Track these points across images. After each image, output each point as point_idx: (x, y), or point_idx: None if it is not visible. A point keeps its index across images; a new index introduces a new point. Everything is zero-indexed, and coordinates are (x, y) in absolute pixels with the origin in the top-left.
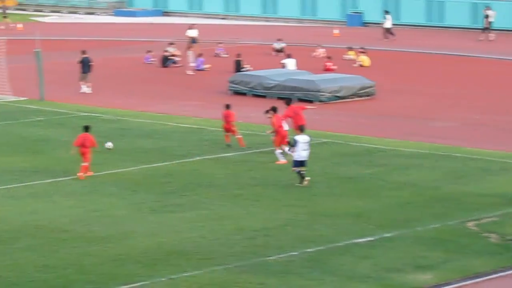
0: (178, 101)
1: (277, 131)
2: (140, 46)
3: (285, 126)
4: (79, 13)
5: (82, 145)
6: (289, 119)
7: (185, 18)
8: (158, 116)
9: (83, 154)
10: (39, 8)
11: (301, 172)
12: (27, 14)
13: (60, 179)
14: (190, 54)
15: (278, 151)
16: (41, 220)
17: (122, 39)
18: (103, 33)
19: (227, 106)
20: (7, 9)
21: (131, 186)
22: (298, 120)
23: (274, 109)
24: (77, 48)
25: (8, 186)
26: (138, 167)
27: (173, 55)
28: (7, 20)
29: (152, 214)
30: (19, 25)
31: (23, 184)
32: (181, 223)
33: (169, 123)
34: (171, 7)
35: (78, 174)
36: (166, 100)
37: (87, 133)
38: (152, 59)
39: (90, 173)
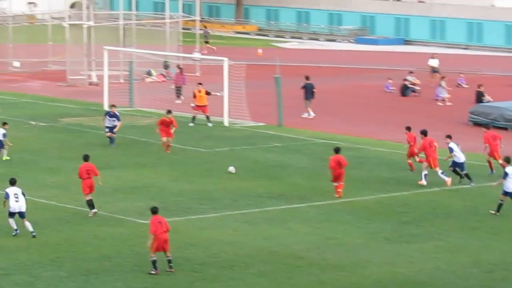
0: (418, 130)
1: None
2: (380, 74)
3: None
4: (320, 40)
5: (337, 167)
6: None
7: (426, 47)
8: (397, 145)
9: (338, 175)
10: (280, 34)
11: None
12: (268, 40)
13: (296, 205)
14: (442, 84)
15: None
16: (276, 246)
17: (362, 66)
18: (343, 60)
19: (408, 129)
20: (208, 33)
21: (367, 214)
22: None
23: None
24: (317, 74)
25: (244, 211)
26: (375, 196)
27: (413, 84)
28: (209, 45)
29: (387, 244)
30: (259, 51)
31: (259, 209)
32: (417, 254)
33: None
34: (413, 36)
35: (336, 195)
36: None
37: (338, 154)
38: (392, 88)
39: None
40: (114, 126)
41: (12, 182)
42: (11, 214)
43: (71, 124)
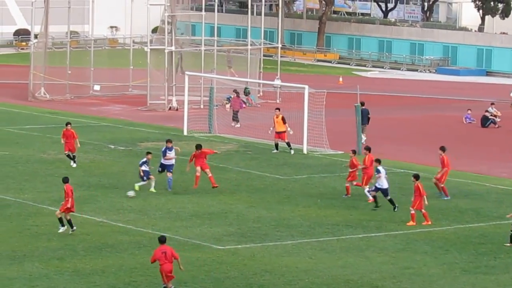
0: (496, 162)
1: None
2: (460, 105)
3: None
4: (401, 70)
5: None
6: None
7: (508, 78)
8: (475, 176)
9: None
10: (361, 62)
11: None
12: (349, 68)
13: (373, 234)
14: None
15: None
16: (352, 275)
17: (443, 97)
18: (424, 90)
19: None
20: (231, 58)
21: (444, 245)
22: None
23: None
24: (398, 104)
25: (321, 239)
26: (452, 226)
27: (494, 116)
28: (232, 70)
29: (464, 275)
30: (340, 79)
31: (336, 237)
32: (493, 285)
33: (486, 184)
34: (495, 67)
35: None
36: (483, 161)
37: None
38: (471, 119)
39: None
40: (171, 165)
41: None
42: None
43: (150, 149)
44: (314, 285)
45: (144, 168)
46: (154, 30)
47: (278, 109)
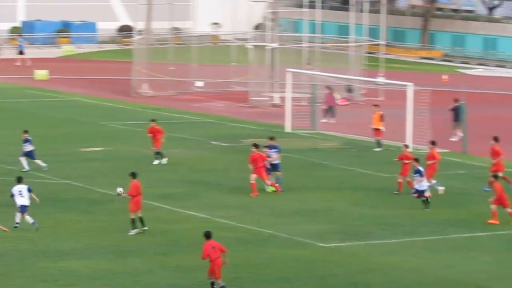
0: None
1: None
2: None
3: None
4: (507, 67)
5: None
6: None
7: None
8: None
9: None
10: (466, 60)
11: None
12: (453, 66)
13: (479, 234)
14: None
15: None
16: (457, 274)
17: None
18: None
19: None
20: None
21: None
22: None
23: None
24: (503, 102)
25: (425, 238)
26: None
27: None
28: (311, 66)
29: None
30: (444, 77)
31: (441, 236)
32: None
33: None
34: None
35: None
36: None
37: None
38: None
39: None
40: (277, 164)
41: (19, 180)
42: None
43: None
44: (419, 284)
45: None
46: (257, 27)
47: (377, 105)
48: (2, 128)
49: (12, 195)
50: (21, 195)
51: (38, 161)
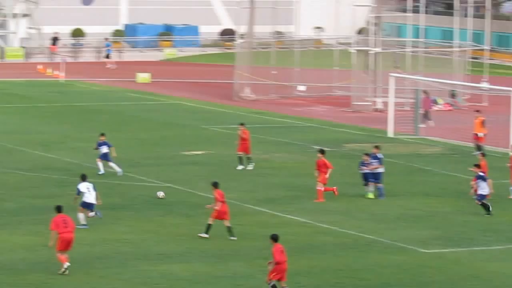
0: None
1: None
2: None
3: None
4: None
5: None
6: None
7: None
8: None
9: None
10: None
11: None
12: None
13: None
14: None
15: None
16: None
17: None
18: None
19: None
20: (397, 58)
21: None
22: None
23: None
24: None
25: None
26: None
27: None
28: (399, 70)
29: None
30: None
31: None
32: None
33: None
34: None
35: None
36: None
37: None
38: None
39: None
40: (379, 173)
41: (83, 178)
42: (85, 205)
43: (355, 150)
44: None
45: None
46: (360, 31)
47: (478, 111)
48: (103, 130)
49: (79, 193)
50: (89, 192)
51: (113, 165)
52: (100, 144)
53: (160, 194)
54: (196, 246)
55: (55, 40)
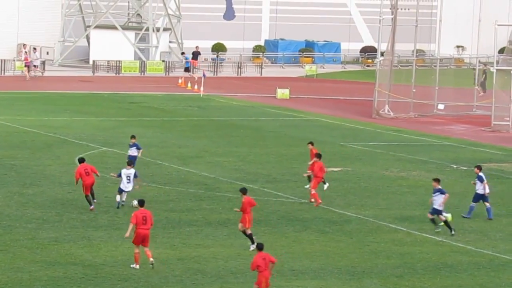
0: None
1: None
2: None
3: None
4: None
5: None
6: None
7: None
8: None
9: None
10: None
11: None
12: None
13: None
14: None
15: None
16: None
17: None
18: None
19: None
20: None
21: None
22: None
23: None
24: None
25: None
26: None
27: None
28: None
29: None
30: None
31: None
32: None
33: None
34: None
35: None
36: None
37: None
38: None
39: None
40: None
41: (129, 163)
42: (120, 190)
43: (493, 170)
44: None
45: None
46: (501, 51)
47: None
48: (241, 145)
49: (119, 175)
50: (128, 181)
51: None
52: (131, 146)
53: (134, 203)
54: (330, 263)
55: (196, 54)
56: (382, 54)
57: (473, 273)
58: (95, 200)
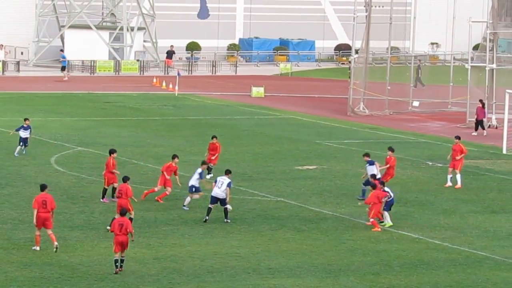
0: None
1: None
2: None
3: None
4: None
5: None
6: None
7: None
8: None
9: None
10: None
11: None
12: None
13: None
14: None
15: None
16: None
17: None
18: None
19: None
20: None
21: None
22: None
23: None
24: None
25: None
26: None
27: None
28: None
29: None
30: None
31: None
32: None
33: None
34: None
35: None
36: None
37: None
38: None
39: None
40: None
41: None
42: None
43: (468, 167)
44: None
45: None
46: (475, 47)
47: None
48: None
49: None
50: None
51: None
52: (25, 128)
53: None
54: (306, 261)
55: (170, 53)
56: (356, 52)
57: (449, 270)
58: None
